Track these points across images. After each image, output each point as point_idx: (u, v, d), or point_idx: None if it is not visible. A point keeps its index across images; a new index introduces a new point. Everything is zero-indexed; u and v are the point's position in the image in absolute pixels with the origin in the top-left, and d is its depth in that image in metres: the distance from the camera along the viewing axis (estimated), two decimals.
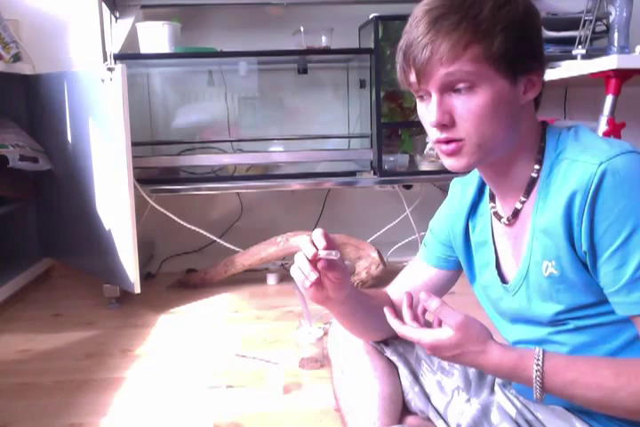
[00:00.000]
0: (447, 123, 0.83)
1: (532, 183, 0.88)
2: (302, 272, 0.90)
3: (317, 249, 0.88)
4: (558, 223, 0.81)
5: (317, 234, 0.90)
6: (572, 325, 0.86)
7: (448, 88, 0.82)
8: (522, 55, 0.82)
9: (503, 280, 0.95)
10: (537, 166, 0.87)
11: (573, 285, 0.84)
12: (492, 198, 0.97)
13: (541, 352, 0.80)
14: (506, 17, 0.80)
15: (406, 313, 0.88)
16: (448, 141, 0.84)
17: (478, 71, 0.80)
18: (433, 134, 0.85)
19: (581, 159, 0.80)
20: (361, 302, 1.02)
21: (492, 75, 0.80)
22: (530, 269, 0.88)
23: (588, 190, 0.77)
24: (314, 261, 0.89)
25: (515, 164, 0.88)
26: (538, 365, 0.79)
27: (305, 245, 0.90)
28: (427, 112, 0.85)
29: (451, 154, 0.85)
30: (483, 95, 0.81)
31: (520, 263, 0.90)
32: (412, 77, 0.84)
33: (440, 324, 0.85)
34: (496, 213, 0.95)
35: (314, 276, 0.89)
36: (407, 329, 0.86)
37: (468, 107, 0.81)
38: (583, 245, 0.80)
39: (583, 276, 0.82)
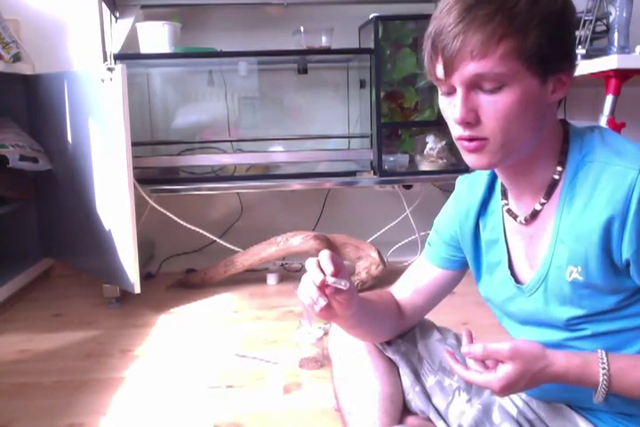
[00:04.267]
0: (472, 121, 0.80)
1: (553, 185, 0.86)
2: (310, 297, 0.87)
3: (325, 275, 0.86)
4: (595, 229, 0.79)
5: (325, 258, 0.87)
6: (589, 330, 0.86)
7: (475, 85, 0.79)
8: (554, 54, 0.78)
9: (516, 280, 0.94)
10: (559, 168, 0.85)
11: (598, 290, 0.83)
12: (504, 195, 0.94)
13: (604, 355, 0.80)
14: (542, 11, 0.76)
15: (469, 354, 0.85)
16: (471, 139, 0.81)
17: (509, 70, 0.76)
18: (456, 131, 0.83)
19: (617, 163, 0.79)
20: (367, 311, 1.00)
21: (523, 73, 0.77)
22: (550, 273, 0.87)
23: (631, 197, 0.76)
24: (322, 287, 0.86)
25: (536, 163, 0.86)
26: (604, 369, 0.79)
27: (312, 269, 0.87)
28: (450, 107, 0.82)
29: (472, 151, 0.82)
30: (511, 95, 0.78)
31: (539, 265, 0.89)
32: (439, 69, 0.80)
33: (495, 364, 0.83)
34: (509, 211, 0.93)
35: (323, 302, 0.86)
36: (472, 374, 0.84)
37: (495, 106, 0.78)
38: (624, 253, 0.78)
39: (611, 282, 0.81)
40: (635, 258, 0.78)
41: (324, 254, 0.88)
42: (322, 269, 0.86)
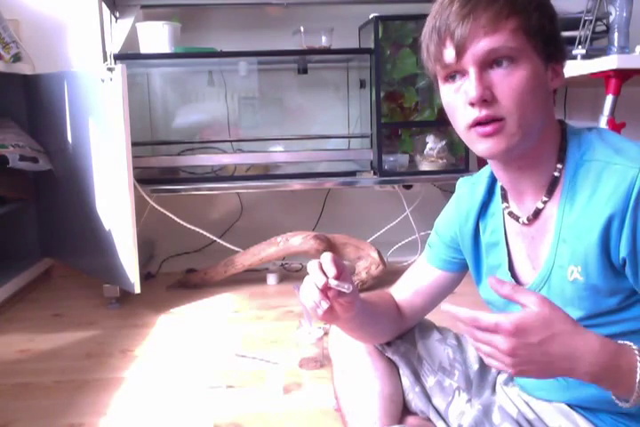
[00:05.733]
0: (488, 98, 0.79)
1: (554, 183, 0.86)
2: (313, 300, 0.86)
3: (327, 278, 0.85)
4: (595, 229, 0.79)
5: (327, 261, 0.86)
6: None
7: (488, 63, 0.79)
8: (554, 37, 0.82)
9: (517, 282, 0.93)
10: (559, 165, 0.85)
11: (598, 291, 0.82)
12: (505, 198, 0.94)
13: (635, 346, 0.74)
14: None
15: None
16: (486, 122, 0.80)
17: (519, 45, 0.79)
18: (470, 115, 0.80)
19: (617, 162, 0.78)
20: (368, 313, 1.00)
21: (531, 51, 0.80)
22: (553, 273, 0.86)
23: (630, 195, 0.76)
24: (325, 290, 0.86)
25: (539, 158, 0.85)
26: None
27: (314, 272, 0.86)
28: (459, 94, 0.81)
29: (490, 135, 0.80)
30: (523, 71, 0.79)
31: (541, 265, 0.88)
32: (449, 53, 0.80)
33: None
34: (511, 213, 0.93)
35: (325, 305, 0.86)
36: (481, 313, 0.71)
37: (509, 82, 0.79)
38: (622, 251, 0.78)
39: (610, 282, 0.81)
40: (631, 257, 0.78)
41: (327, 257, 0.87)
42: (324, 272, 0.86)
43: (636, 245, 0.77)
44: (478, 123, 0.80)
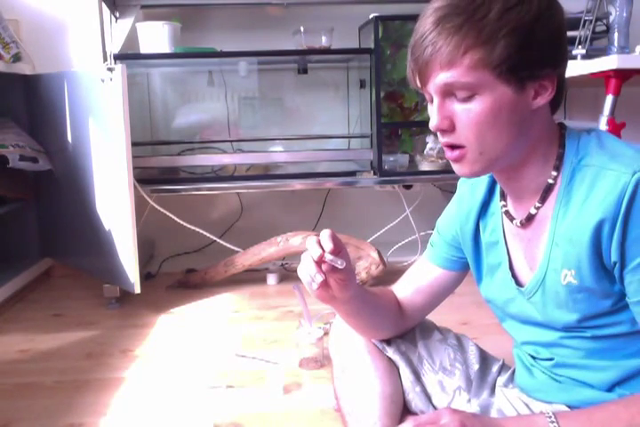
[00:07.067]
0: (446, 128, 0.81)
1: (548, 189, 0.86)
2: (308, 274, 0.88)
3: (324, 251, 0.86)
4: (586, 232, 0.80)
5: (325, 235, 0.88)
6: (588, 333, 0.86)
7: (449, 93, 0.81)
8: (527, 62, 0.78)
9: (516, 282, 0.94)
10: (554, 173, 0.85)
11: (592, 294, 0.83)
12: (504, 197, 0.95)
13: (550, 411, 0.80)
14: (513, 20, 0.76)
15: None
16: (452, 147, 0.83)
17: (477, 79, 0.78)
18: (439, 138, 0.85)
19: (612, 167, 0.79)
20: (367, 301, 1.01)
21: (493, 82, 0.78)
22: (547, 276, 0.87)
23: (622, 200, 0.76)
24: (320, 263, 0.87)
25: (527, 170, 0.86)
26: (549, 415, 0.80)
27: (312, 245, 0.88)
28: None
29: (454, 160, 0.84)
30: (482, 103, 0.79)
31: (537, 268, 0.89)
32: (417, 80, 0.84)
33: None
34: (507, 213, 0.93)
35: (320, 278, 0.87)
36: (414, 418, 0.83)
37: (467, 114, 0.80)
38: (613, 255, 0.79)
39: (604, 285, 0.82)
40: (620, 261, 0.79)
41: (325, 233, 0.89)
42: (322, 247, 0.87)
43: (625, 251, 0.78)
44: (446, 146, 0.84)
